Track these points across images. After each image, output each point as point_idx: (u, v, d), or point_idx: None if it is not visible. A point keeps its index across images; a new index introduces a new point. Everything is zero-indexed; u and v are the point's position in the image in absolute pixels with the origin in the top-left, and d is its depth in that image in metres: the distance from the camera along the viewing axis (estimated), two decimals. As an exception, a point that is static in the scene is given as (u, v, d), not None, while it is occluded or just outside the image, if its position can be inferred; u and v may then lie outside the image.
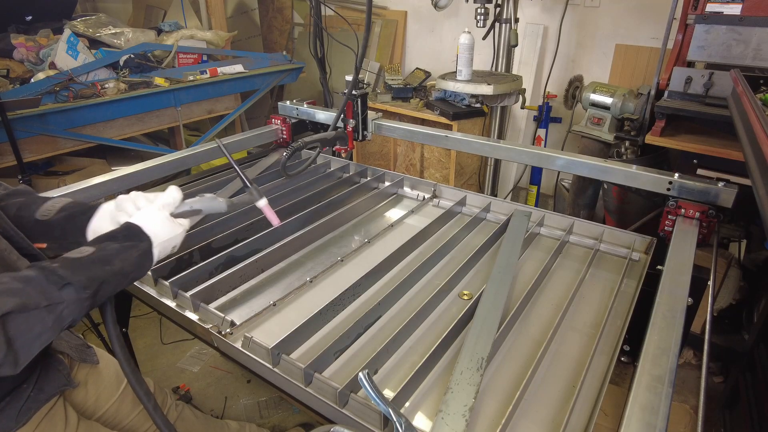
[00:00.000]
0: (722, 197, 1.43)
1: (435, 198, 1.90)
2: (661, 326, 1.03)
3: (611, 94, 2.75)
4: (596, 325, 1.21)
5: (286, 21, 5.10)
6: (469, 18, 3.26)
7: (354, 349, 1.14)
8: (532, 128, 3.72)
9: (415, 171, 3.78)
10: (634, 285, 1.36)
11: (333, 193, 1.88)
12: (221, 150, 1.10)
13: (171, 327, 2.79)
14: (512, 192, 3.97)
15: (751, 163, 1.14)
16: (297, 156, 2.13)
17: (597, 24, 3.36)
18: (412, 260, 1.49)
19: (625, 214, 2.60)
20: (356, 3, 4.46)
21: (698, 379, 1.09)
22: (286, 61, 3.94)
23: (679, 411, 1.40)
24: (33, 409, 1.03)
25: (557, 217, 1.67)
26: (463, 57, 2.89)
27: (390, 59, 4.36)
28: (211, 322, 1.19)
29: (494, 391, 1.04)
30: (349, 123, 2.06)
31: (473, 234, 1.68)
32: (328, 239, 1.63)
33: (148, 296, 1.29)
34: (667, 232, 1.50)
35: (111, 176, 1.72)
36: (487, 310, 1.18)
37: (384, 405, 0.86)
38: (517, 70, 3.47)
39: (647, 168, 1.58)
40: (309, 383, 1.01)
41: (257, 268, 1.42)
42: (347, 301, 1.27)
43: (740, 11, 2.04)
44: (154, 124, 3.32)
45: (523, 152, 1.80)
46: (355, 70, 1.89)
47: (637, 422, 0.81)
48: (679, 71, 2.25)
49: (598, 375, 1.06)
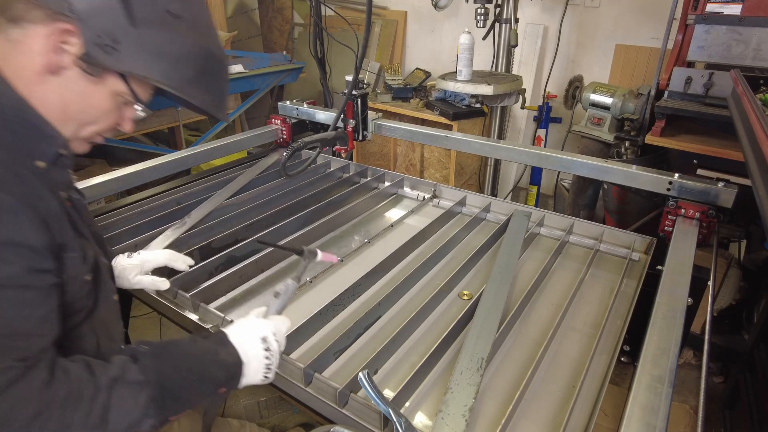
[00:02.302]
0: (722, 197, 1.43)
1: (435, 198, 1.90)
2: (661, 326, 1.03)
3: (611, 94, 2.75)
4: (596, 325, 1.21)
5: (286, 21, 5.10)
6: (469, 18, 3.26)
7: (354, 349, 1.14)
8: (532, 128, 3.72)
9: (415, 171, 3.77)
10: (634, 285, 1.36)
11: (333, 193, 1.88)
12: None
13: (171, 327, 2.79)
14: (512, 192, 3.97)
15: (751, 163, 1.14)
16: (297, 156, 2.13)
17: (597, 24, 3.36)
18: (412, 260, 1.49)
19: (625, 214, 2.60)
20: (356, 3, 4.46)
21: (698, 379, 1.09)
22: (286, 61, 3.93)
23: (679, 411, 1.40)
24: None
25: (557, 217, 1.67)
26: (463, 57, 2.89)
27: (390, 59, 4.36)
28: (211, 322, 1.19)
29: (494, 391, 1.04)
30: (349, 123, 2.06)
31: (473, 234, 1.68)
32: (328, 239, 1.63)
33: (148, 296, 1.29)
34: (667, 232, 1.50)
35: (111, 176, 1.72)
36: (487, 311, 1.18)
37: (384, 405, 0.86)
38: (517, 70, 3.47)
39: (647, 168, 1.58)
40: (309, 383, 1.01)
41: (257, 268, 1.41)
42: (347, 301, 1.27)
43: (740, 11, 2.04)
44: (154, 124, 3.31)
45: (523, 152, 1.80)
46: (355, 70, 1.89)
47: (637, 422, 0.82)
48: (679, 71, 2.25)
49: (598, 375, 1.06)
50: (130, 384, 0.77)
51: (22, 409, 0.67)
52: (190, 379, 0.82)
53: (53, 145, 0.82)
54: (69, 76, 0.80)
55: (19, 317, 0.70)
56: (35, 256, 0.73)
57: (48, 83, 0.79)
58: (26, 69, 0.78)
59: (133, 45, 0.80)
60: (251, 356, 0.89)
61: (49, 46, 0.76)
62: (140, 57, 0.81)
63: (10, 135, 0.77)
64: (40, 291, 0.74)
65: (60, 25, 0.76)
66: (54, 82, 0.80)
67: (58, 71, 0.79)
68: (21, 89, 0.78)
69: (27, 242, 0.71)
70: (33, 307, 0.72)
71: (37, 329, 0.73)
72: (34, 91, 0.79)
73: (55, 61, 0.78)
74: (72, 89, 0.81)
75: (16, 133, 0.78)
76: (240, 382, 0.89)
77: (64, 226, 0.81)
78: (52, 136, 0.82)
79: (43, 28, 0.76)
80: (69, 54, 0.78)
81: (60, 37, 0.77)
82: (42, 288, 0.74)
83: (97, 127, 0.88)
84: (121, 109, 0.90)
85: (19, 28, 0.76)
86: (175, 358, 0.83)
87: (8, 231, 0.69)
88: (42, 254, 0.74)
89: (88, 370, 0.75)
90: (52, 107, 0.81)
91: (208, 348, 0.86)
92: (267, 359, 0.90)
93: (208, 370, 0.85)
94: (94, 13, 0.76)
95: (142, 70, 0.82)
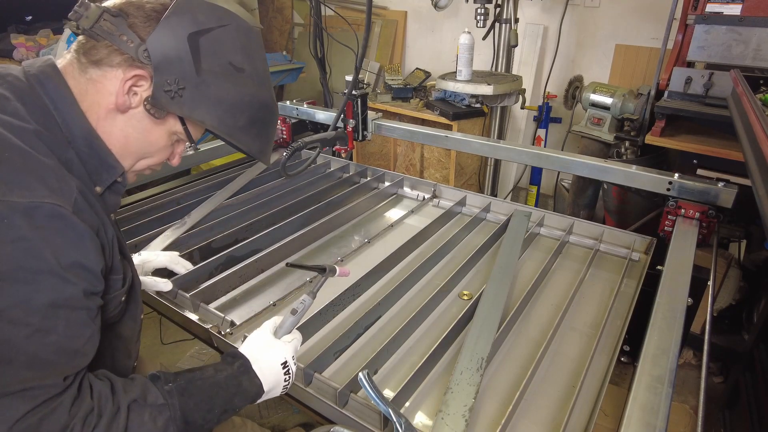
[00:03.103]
0: (722, 197, 1.43)
1: (435, 198, 1.90)
2: (661, 326, 1.03)
3: (611, 94, 2.75)
4: (596, 325, 1.21)
5: (286, 21, 5.10)
6: (469, 18, 3.26)
7: (354, 349, 1.14)
8: (532, 128, 3.71)
9: (415, 171, 3.77)
10: (634, 285, 1.36)
11: (333, 193, 1.88)
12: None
13: (171, 327, 2.79)
14: (512, 192, 3.97)
15: (751, 163, 1.14)
16: (297, 156, 2.13)
17: (597, 24, 3.35)
18: (412, 260, 1.49)
19: (625, 214, 2.60)
20: (356, 3, 4.45)
21: (698, 379, 1.09)
22: (286, 61, 3.94)
23: (679, 411, 1.40)
24: None
25: (557, 217, 1.67)
26: (463, 57, 2.89)
27: (390, 59, 4.36)
28: (211, 322, 1.19)
29: (494, 391, 1.04)
30: (349, 123, 2.06)
31: (473, 234, 1.68)
32: (328, 239, 1.63)
33: (148, 296, 1.29)
34: (667, 232, 1.50)
35: (111, 176, 1.72)
36: (487, 311, 1.18)
37: (384, 405, 0.86)
38: (517, 70, 3.47)
39: (647, 168, 1.58)
40: (309, 383, 1.01)
41: (257, 268, 1.42)
42: (347, 301, 1.27)
43: (740, 11, 2.04)
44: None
45: (523, 152, 1.80)
46: (355, 70, 1.89)
47: (637, 422, 0.82)
48: (679, 71, 2.25)
49: (598, 375, 1.06)
50: (150, 406, 0.79)
51: (51, 423, 0.69)
52: (213, 413, 0.85)
53: (113, 174, 0.88)
54: (134, 114, 0.86)
55: (73, 337, 0.73)
56: (94, 280, 0.76)
57: (115, 120, 0.86)
58: (99, 106, 0.84)
59: (195, 92, 0.85)
60: (273, 383, 0.92)
61: (123, 89, 0.83)
62: (201, 103, 0.87)
63: (81, 162, 0.83)
64: (91, 312, 0.77)
65: (136, 72, 0.82)
66: (120, 119, 0.86)
67: (126, 111, 0.85)
68: (92, 122, 0.84)
69: (90, 266, 0.75)
70: (85, 327, 0.75)
71: (83, 349, 0.76)
72: (102, 126, 0.85)
73: (126, 102, 0.84)
74: (135, 126, 0.87)
75: (85, 161, 0.83)
76: (257, 401, 0.92)
77: (115, 249, 0.86)
78: (114, 166, 0.88)
79: (120, 72, 0.82)
80: (138, 96, 0.85)
81: (134, 81, 0.83)
82: (93, 310, 0.77)
83: (151, 161, 0.95)
84: (174, 146, 0.96)
85: (98, 69, 0.82)
86: (200, 394, 0.84)
87: (78, 254, 0.73)
88: (98, 278, 0.77)
89: (111, 388, 0.78)
90: (116, 141, 0.87)
91: (231, 380, 0.88)
92: (286, 382, 0.93)
93: (231, 401, 0.87)
94: (168, 62, 0.82)
95: (200, 116, 0.88)
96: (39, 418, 0.68)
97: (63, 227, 0.71)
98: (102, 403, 0.75)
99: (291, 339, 0.97)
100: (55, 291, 0.70)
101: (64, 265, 0.70)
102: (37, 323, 0.68)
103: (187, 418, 0.81)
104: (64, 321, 0.71)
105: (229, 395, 0.86)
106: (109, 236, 0.83)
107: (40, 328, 0.68)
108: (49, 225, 0.70)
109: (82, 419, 0.71)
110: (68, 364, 0.73)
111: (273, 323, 0.99)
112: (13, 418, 0.66)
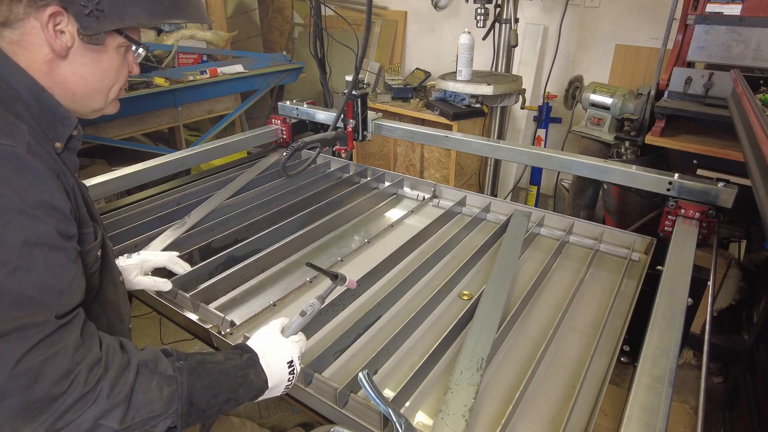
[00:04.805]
0: (722, 197, 1.43)
1: (435, 198, 1.90)
2: (661, 326, 1.03)
3: (611, 94, 2.75)
4: (596, 326, 1.21)
5: (286, 21, 5.10)
6: (469, 18, 3.26)
7: (354, 349, 1.14)
8: (532, 128, 3.72)
9: (415, 171, 3.77)
10: (634, 285, 1.36)
11: (333, 193, 1.88)
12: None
13: (171, 327, 2.79)
14: (512, 192, 3.97)
15: (751, 164, 1.14)
16: (297, 156, 2.13)
17: (597, 24, 3.36)
18: (412, 260, 1.49)
19: (625, 214, 2.60)
20: (356, 3, 4.46)
21: (698, 379, 1.09)
22: (286, 61, 3.93)
23: (679, 411, 1.40)
24: None
25: (557, 217, 1.67)
26: (463, 57, 2.89)
27: (390, 59, 4.36)
28: (211, 322, 1.19)
29: (494, 391, 1.04)
30: (349, 123, 2.06)
31: (473, 234, 1.68)
32: (328, 239, 1.63)
33: (148, 296, 1.29)
34: (667, 232, 1.50)
35: (111, 176, 1.72)
36: (487, 311, 1.18)
37: (384, 405, 0.86)
38: (517, 70, 3.47)
39: (647, 168, 1.58)
40: (309, 383, 1.01)
41: (257, 268, 1.41)
42: (347, 301, 1.27)
43: (740, 11, 2.04)
44: (154, 124, 3.31)
45: (523, 152, 1.80)
46: (355, 70, 1.89)
47: (637, 422, 0.82)
48: (679, 71, 2.25)
49: (598, 375, 1.06)
50: (159, 374, 0.79)
51: (54, 366, 0.69)
52: (218, 399, 0.85)
53: (69, 126, 0.87)
54: (76, 53, 0.84)
55: (53, 275, 0.73)
56: (64, 219, 0.77)
57: (61, 68, 0.84)
58: (37, 62, 0.82)
59: (112, 1, 0.83)
60: (277, 380, 0.92)
61: (49, 33, 0.80)
62: (123, 5, 0.85)
63: (32, 117, 0.82)
64: (69, 254, 0.77)
65: (47, 11, 0.79)
66: (66, 65, 0.84)
67: (66, 54, 0.83)
68: (40, 81, 0.82)
69: (57, 205, 0.75)
70: (65, 267, 0.76)
71: (69, 288, 0.76)
72: (52, 80, 0.84)
73: (62, 44, 0.82)
74: (84, 63, 0.86)
75: (36, 116, 0.82)
76: (259, 397, 0.92)
77: (80, 201, 0.86)
78: (67, 116, 0.87)
79: (33, 20, 0.79)
80: (67, 33, 0.82)
81: (53, 21, 0.80)
82: (70, 251, 0.78)
83: (119, 84, 0.94)
84: (125, 57, 0.94)
85: (12, 29, 0.80)
86: (209, 377, 0.84)
87: (41, 193, 0.73)
88: (69, 219, 0.78)
89: (121, 346, 0.78)
90: (76, 88, 0.86)
91: (239, 370, 0.88)
92: (289, 381, 0.94)
93: (236, 391, 0.87)
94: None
95: (131, 18, 0.86)
96: (41, 361, 0.68)
97: (20, 166, 0.72)
98: (110, 357, 0.75)
99: (298, 339, 0.98)
100: (25, 229, 0.70)
101: (30, 204, 0.71)
102: (15, 261, 0.69)
103: (193, 399, 0.80)
104: (43, 260, 0.72)
105: (235, 385, 0.86)
106: (70, 184, 0.82)
107: (19, 266, 0.69)
108: (4, 165, 0.70)
109: (89, 366, 0.72)
110: (56, 302, 0.73)
111: (280, 323, 1.00)
112: (13, 359, 0.67)
